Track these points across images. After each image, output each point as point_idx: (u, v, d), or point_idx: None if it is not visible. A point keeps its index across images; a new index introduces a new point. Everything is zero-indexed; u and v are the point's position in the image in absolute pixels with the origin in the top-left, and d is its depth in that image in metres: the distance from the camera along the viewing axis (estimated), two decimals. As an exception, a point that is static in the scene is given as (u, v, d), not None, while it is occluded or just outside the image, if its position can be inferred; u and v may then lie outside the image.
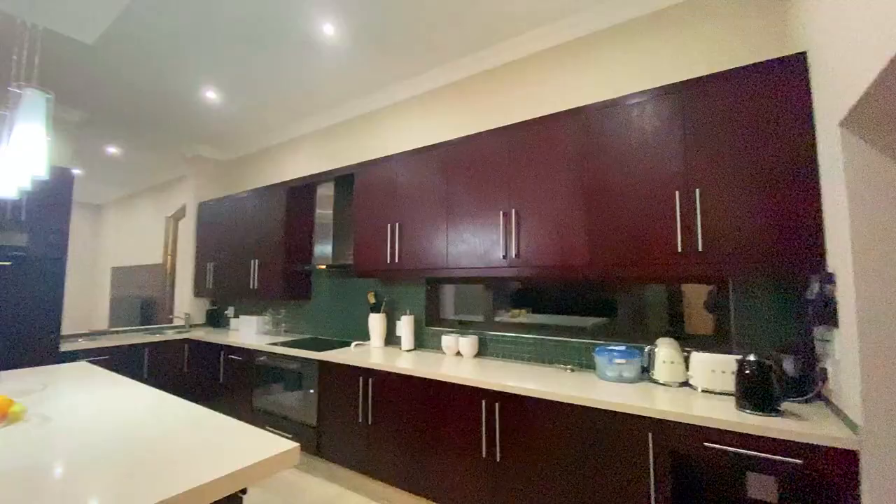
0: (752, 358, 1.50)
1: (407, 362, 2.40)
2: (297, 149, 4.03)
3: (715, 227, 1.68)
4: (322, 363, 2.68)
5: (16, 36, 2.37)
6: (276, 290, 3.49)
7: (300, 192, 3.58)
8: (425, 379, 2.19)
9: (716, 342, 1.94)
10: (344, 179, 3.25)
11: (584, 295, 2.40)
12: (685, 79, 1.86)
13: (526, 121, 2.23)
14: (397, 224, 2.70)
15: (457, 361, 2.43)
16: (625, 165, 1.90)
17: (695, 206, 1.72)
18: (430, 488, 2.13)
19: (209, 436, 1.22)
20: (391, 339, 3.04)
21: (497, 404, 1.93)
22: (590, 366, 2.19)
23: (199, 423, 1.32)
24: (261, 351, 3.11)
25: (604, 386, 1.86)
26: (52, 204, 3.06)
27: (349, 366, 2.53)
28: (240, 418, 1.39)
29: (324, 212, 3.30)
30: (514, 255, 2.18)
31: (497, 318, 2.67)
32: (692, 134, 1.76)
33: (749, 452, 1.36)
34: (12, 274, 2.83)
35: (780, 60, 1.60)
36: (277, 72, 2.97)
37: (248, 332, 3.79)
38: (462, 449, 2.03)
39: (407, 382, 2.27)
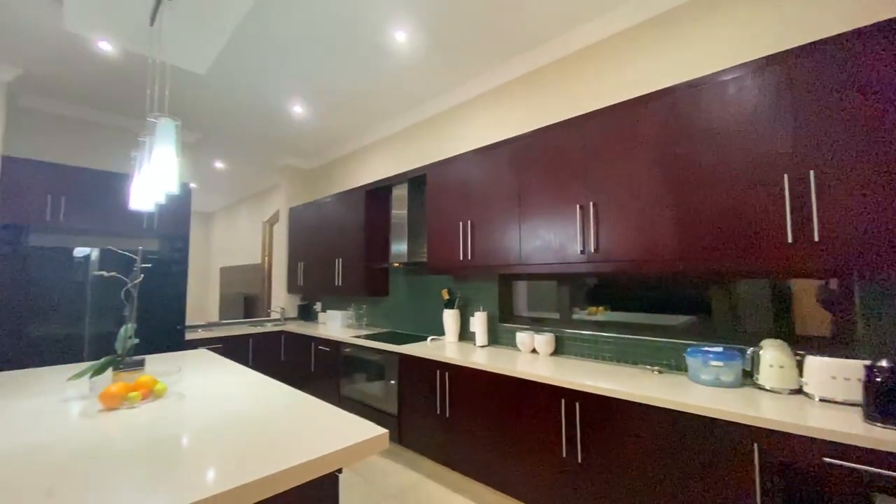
0: (884, 364, 1.28)
1: (482, 358, 2.43)
2: (373, 154, 4.25)
3: (835, 212, 1.46)
4: (402, 356, 2.81)
5: (147, 73, 2.82)
6: (357, 287, 3.73)
7: (377, 195, 3.78)
8: (502, 375, 2.20)
9: (835, 345, 1.68)
10: (417, 180, 3.37)
11: (672, 291, 2.22)
12: (792, 46, 1.64)
13: (602, 108, 2.12)
14: (469, 221, 2.74)
15: (532, 359, 2.40)
16: (720, 149, 1.73)
17: (808, 189, 1.50)
18: (508, 484, 2.14)
19: (308, 418, 1.35)
20: (465, 334, 3.09)
21: (577, 404, 1.88)
22: (679, 368, 2.04)
23: (299, 407, 1.46)
24: (346, 343, 3.35)
25: (698, 390, 1.72)
26: (175, 214, 3.59)
27: (426, 360, 2.63)
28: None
29: (399, 212, 3.45)
30: (592, 250, 2.10)
31: (574, 316, 2.58)
32: (802, 109, 1.54)
33: (879, 471, 1.18)
34: (149, 275, 3.38)
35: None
36: (353, 83, 3.16)
37: (335, 326, 4.11)
38: (540, 447, 2.01)
39: (483, 378, 2.30)
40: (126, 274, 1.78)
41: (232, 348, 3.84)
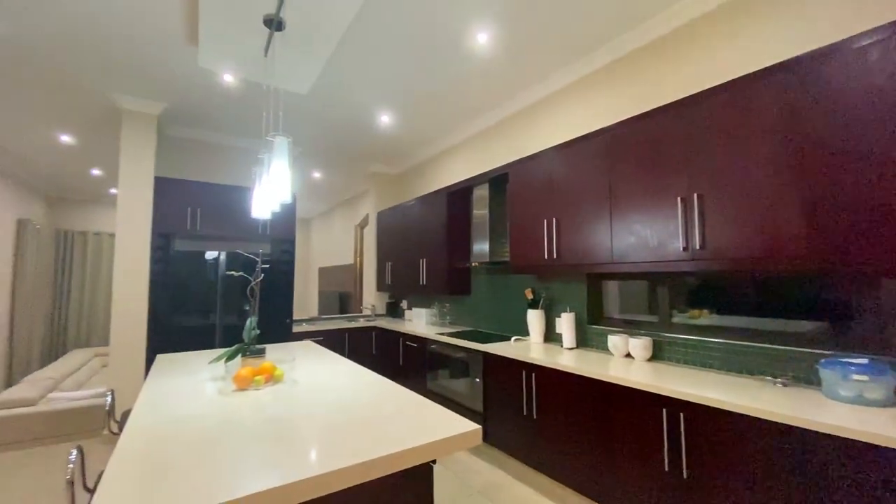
0: None
1: (571, 361, 2.34)
2: (454, 156, 4.34)
3: None
4: (486, 355, 2.83)
5: (261, 98, 3.21)
6: (440, 286, 3.85)
7: (458, 196, 3.86)
8: (594, 380, 2.10)
9: None
10: (498, 180, 3.37)
11: (795, 292, 1.92)
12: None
13: (708, 90, 1.91)
14: (554, 219, 2.66)
15: (627, 364, 2.26)
16: (861, 126, 1.45)
17: None
18: (601, 493, 2.04)
19: (405, 409, 1.43)
20: (550, 335, 3.02)
21: (682, 415, 1.72)
22: (808, 380, 1.76)
23: (396, 398, 1.56)
24: (432, 340, 3.47)
25: (836, 408, 1.47)
26: (284, 221, 4.05)
27: (512, 360, 2.61)
28: (425, 398, 1.60)
29: (480, 212, 3.48)
30: (697, 247, 1.90)
31: (674, 319, 2.37)
32: None
33: None
34: (264, 274, 3.85)
35: None
36: (436, 88, 3.25)
37: (420, 323, 4.28)
38: (638, 458, 1.88)
39: (573, 381, 2.22)
40: (248, 274, 2.06)
41: (331, 341, 4.21)
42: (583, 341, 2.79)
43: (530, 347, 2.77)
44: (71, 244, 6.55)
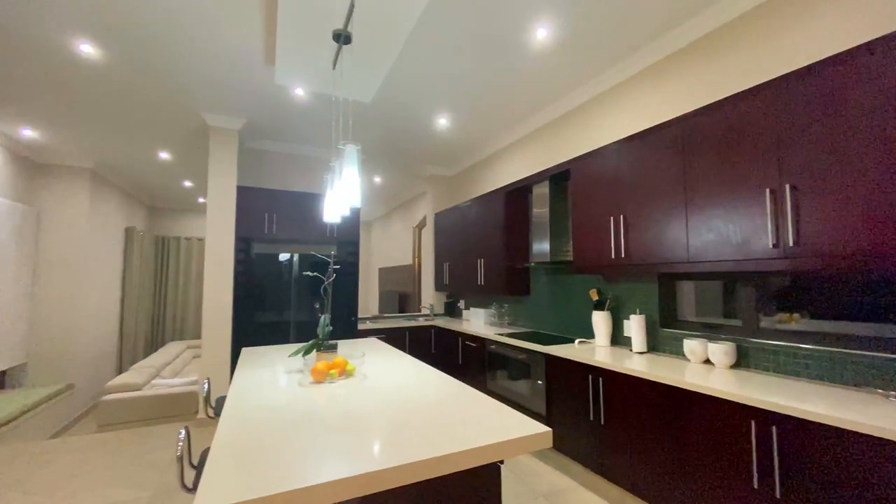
0: None
1: (642, 365, 2.22)
2: (512, 154, 4.30)
3: None
4: (549, 357, 2.77)
5: (329, 109, 3.40)
6: (498, 286, 3.83)
7: (516, 195, 3.82)
8: (670, 386, 1.98)
9: None
10: (558, 177, 3.28)
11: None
12: None
13: (802, 69, 1.72)
14: (622, 216, 2.54)
15: (706, 370, 2.10)
16: None
17: None
18: (679, 508, 1.91)
19: (472, 408, 1.45)
20: (617, 339, 2.88)
21: (774, 428, 1.57)
22: (940, 398, 1.52)
23: (462, 396, 1.58)
24: (491, 340, 3.46)
25: (977, 430, 1.25)
26: (349, 224, 4.26)
27: (577, 362, 2.54)
28: (491, 397, 1.60)
29: (539, 210, 3.41)
30: (790, 243, 1.72)
31: (761, 323, 2.16)
32: None
33: None
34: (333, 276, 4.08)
35: None
36: (493, 87, 3.25)
37: (478, 323, 4.29)
38: (721, 472, 1.74)
39: (645, 387, 2.11)
40: (319, 274, 2.19)
41: (392, 338, 4.35)
42: (654, 345, 2.64)
43: (596, 350, 2.67)
44: (167, 248, 7.40)
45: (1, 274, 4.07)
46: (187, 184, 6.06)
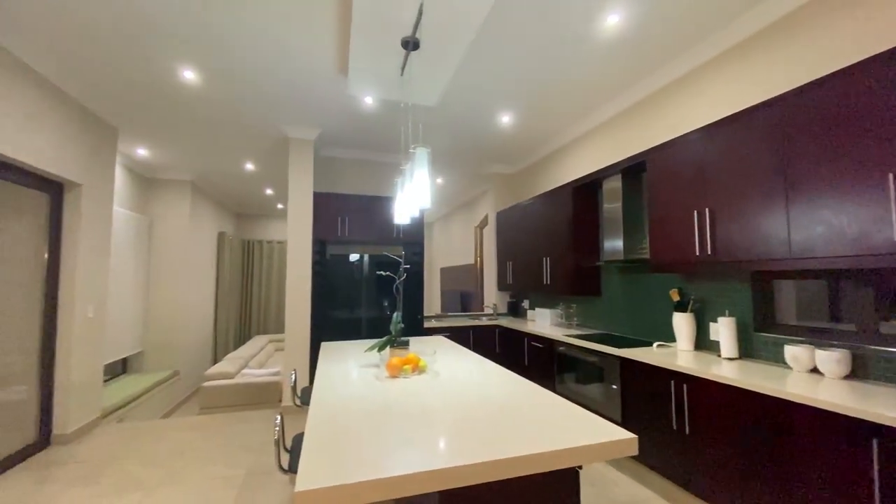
0: None
1: (734, 373, 2.03)
2: (579, 149, 4.14)
3: None
4: (625, 360, 2.63)
5: (394, 114, 3.53)
6: (566, 286, 3.70)
7: (584, 190, 3.67)
8: (770, 397, 1.78)
9: None
10: (632, 170, 3.10)
11: None
12: None
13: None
14: (707, 210, 2.34)
15: (813, 381, 1.86)
16: None
17: None
18: (783, 533, 1.72)
19: (548, 409, 1.41)
20: (702, 343, 2.66)
21: (908, 451, 1.35)
22: None
23: (537, 397, 1.55)
24: (560, 341, 3.36)
25: None
26: (414, 225, 4.38)
27: (657, 367, 2.38)
28: (567, 399, 1.55)
29: (611, 206, 3.24)
30: (926, 236, 1.47)
31: (882, 329, 1.86)
32: None
33: None
34: (400, 275, 4.22)
35: None
36: (558, 81, 3.15)
37: (544, 323, 4.19)
38: (833, 497, 1.53)
39: (738, 396, 1.92)
40: (392, 273, 2.28)
41: (457, 337, 4.40)
42: (747, 351, 2.39)
43: (678, 355, 2.48)
44: (252, 250, 8.14)
45: (122, 275, 4.75)
46: (268, 191, 6.62)
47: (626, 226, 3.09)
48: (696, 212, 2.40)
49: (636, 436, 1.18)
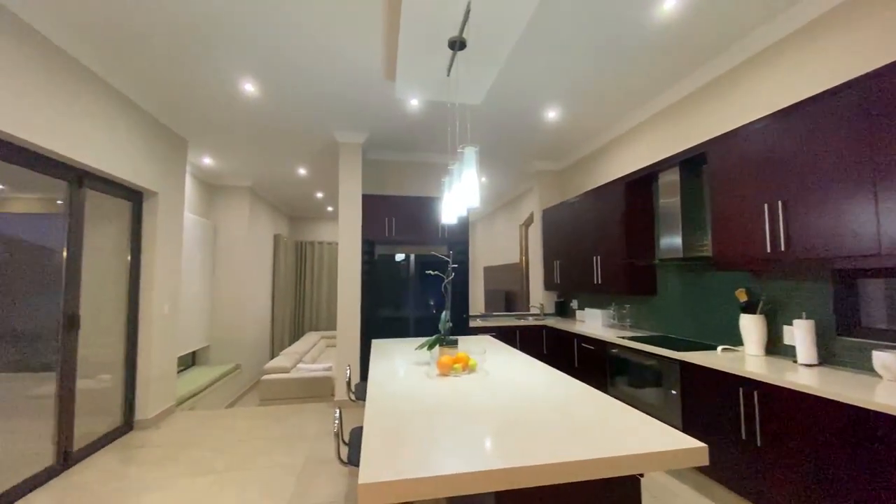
0: None
1: (813, 380, 1.85)
2: (630, 142, 3.96)
3: None
4: (685, 364, 2.48)
5: (440, 115, 3.56)
6: (618, 285, 3.55)
7: (637, 185, 3.51)
8: (858, 408, 1.61)
9: None
10: (691, 162, 2.92)
11: None
12: None
13: None
14: (779, 203, 2.15)
15: (913, 391, 1.66)
16: None
17: None
18: (876, 560, 1.54)
19: (607, 414, 1.36)
20: (774, 347, 2.45)
21: None
22: None
23: (594, 400, 1.50)
24: (614, 344, 3.23)
25: None
26: (458, 225, 4.39)
27: (723, 373, 2.22)
28: (626, 404, 1.49)
29: (668, 201, 3.07)
30: None
31: None
32: None
33: None
34: (445, 274, 4.26)
35: None
36: (609, 70, 3.02)
37: (594, 324, 4.05)
38: (947, 525, 1.35)
39: (819, 407, 1.75)
40: (439, 272, 2.30)
41: (503, 337, 4.36)
42: (827, 356, 2.17)
43: (747, 360, 2.31)
44: (304, 251, 8.55)
45: (191, 275, 5.16)
46: (319, 195, 6.91)
47: (685, 221, 2.91)
48: (766, 205, 2.22)
49: (706, 446, 1.11)
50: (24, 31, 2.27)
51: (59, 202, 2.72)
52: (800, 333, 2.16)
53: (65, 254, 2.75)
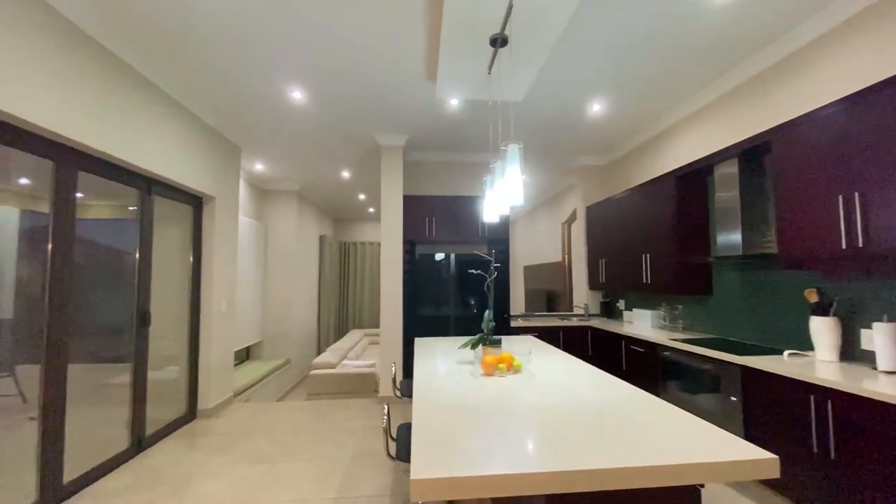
0: None
1: (901, 389, 1.67)
2: (681, 134, 3.75)
3: None
4: (747, 369, 2.32)
5: (480, 114, 3.54)
6: (670, 285, 3.38)
7: (690, 179, 3.32)
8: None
9: None
10: (751, 153, 2.72)
11: None
12: None
13: None
14: (856, 194, 1.96)
15: None
16: None
17: None
18: None
19: (663, 419, 1.30)
20: (850, 352, 2.23)
21: None
22: None
23: (649, 405, 1.44)
24: (666, 346, 3.08)
25: None
26: (499, 223, 4.36)
27: (791, 379, 2.06)
28: (683, 409, 1.41)
29: (725, 194, 2.88)
30: None
31: None
32: None
33: None
34: (485, 273, 4.24)
35: None
36: (659, 58, 2.87)
37: (643, 326, 3.87)
38: None
39: (908, 419, 1.58)
40: (482, 271, 2.29)
41: (545, 337, 4.28)
42: (918, 365, 1.95)
43: (818, 366, 2.12)
44: (347, 251, 8.82)
45: (246, 275, 5.47)
46: (361, 196, 7.11)
47: (744, 216, 2.72)
48: (840, 197, 2.02)
49: (776, 457, 1.03)
50: (107, 58, 2.50)
51: (130, 208, 2.97)
52: (880, 337, 1.95)
53: (137, 255, 3.00)
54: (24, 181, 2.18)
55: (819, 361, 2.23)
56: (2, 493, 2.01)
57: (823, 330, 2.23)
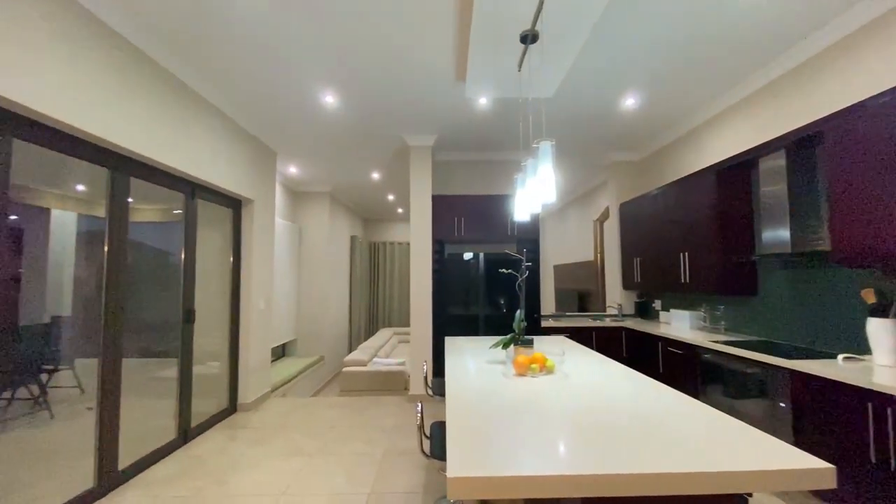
0: None
1: (977, 399, 1.53)
2: (721, 126, 3.58)
3: None
4: (797, 374, 2.19)
5: (509, 111, 3.51)
6: (710, 284, 3.23)
7: (732, 173, 3.16)
8: None
9: None
10: (800, 144, 2.56)
11: None
12: None
13: None
14: (922, 187, 1.81)
15: None
16: None
17: None
18: None
19: (706, 424, 1.25)
20: (917, 357, 2.06)
21: None
22: None
23: (683, 407, 1.38)
24: (707, 348, 2.95)
25: None
26: (529, 222, 4.31)
27: (846, 384, 1.93)
28: (727, 414, 1.35)
29: (771, 189, 2.73)
30: None
31: None
32: None
33: None
34: (515, 272, 4.21)
35: None
36: (698, 45, 2.75)
37: (681, 327, 3.73)
38: None
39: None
40: (513, 270, 2.27)
41: (577, 338, 4.19)
42: None
43: (876, 371, 1.97)
44: (377, 251, 8.97)
45: (281, 275, 5.66)
46: (391, 197, 7.21)
47: (793, 212, 2.57)
48: (905, 190, 1.87)
49: (833, 466, 0.97)
50: (156, 69, 2.66)
51: (175, 212, 3.14)
52: (954, 342, 1.80)
53: (182, 256, 3.17)
54: (80, 187, 2.36)
55: (877, 366, 2.07)
56: (61, 478, 2.17)
57: (882, 332, 2.07)
